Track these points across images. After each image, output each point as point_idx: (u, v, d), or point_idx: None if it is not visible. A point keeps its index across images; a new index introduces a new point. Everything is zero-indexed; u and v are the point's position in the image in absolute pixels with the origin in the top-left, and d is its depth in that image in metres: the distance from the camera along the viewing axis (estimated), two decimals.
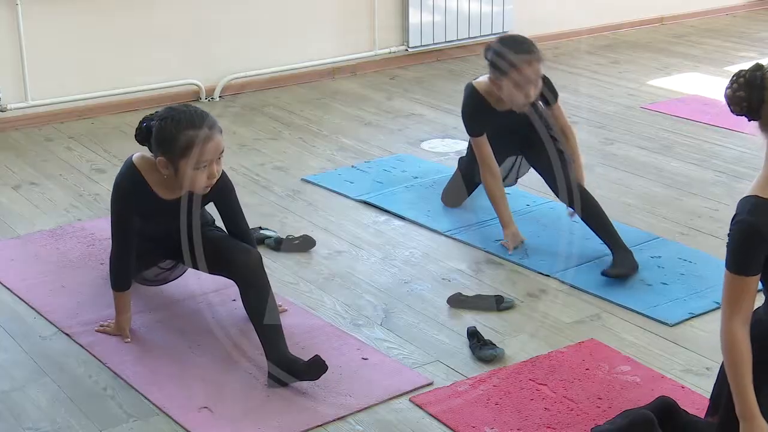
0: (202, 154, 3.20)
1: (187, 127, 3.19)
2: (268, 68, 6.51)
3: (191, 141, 3.19)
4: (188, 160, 3.20)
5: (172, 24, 6.14)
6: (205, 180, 3.26)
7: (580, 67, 7.08)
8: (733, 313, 2.31)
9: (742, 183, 4.90)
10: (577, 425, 3.00)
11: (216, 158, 3.26)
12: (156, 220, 3.42)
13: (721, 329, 2.33)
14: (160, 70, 6.12)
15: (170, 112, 3.26)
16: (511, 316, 3.68)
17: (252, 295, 3.31)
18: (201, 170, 3.23)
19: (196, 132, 3.19)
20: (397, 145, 5.48)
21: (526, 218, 4.48)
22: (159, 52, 6.12)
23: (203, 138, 3.19)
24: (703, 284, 3.87)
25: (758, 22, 8.53)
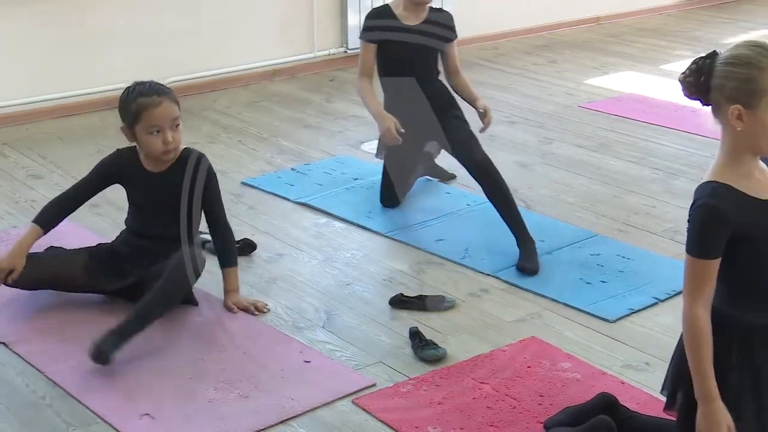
0: (152, 118, 3.50)
1: (139, 95, 3.52)
2: (207, 71, 6.46)
3: (141, 106, 3.50)
4: (141, 124, 3.53)
5: (111, 28, 6.07)
6: (160, 145, 3.54)
7: (518, 68, 7.13)
8: (695, 297, 2.34)
9: (679, 180, 4.97)
10: (520, 423, 3.02)
11: (169, 125, 3.54)
12: (142, 190, 3.68)
13: (684, 313, 2.36)
14: (99, 75, 6.05)
15: (131, 85, 3.59)
16: (453, 316, 3.69)
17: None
18: (155, 135, 3.53)
19: (146, 99, 3.51)
20: (337, 147, 5.48)
21: (467, 217, 4.50)
22: (98, 57, 6.05)
23: (151, 103, 3.50)
24: (642, 280, 3.91)
25: (691, 20, 8.65)
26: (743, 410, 2.38)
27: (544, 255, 4.13)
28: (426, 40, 4.46)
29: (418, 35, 4.45)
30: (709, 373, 2.33)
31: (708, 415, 2.35)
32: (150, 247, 3.65)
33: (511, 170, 5.09)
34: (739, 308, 2.37)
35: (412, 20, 4.47)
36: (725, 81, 2.27)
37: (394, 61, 4.48)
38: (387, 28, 4.46)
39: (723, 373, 2.36)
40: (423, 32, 4.46)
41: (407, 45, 4.44)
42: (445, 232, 4.37)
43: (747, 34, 7.95)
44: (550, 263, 4.07)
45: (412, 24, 4.47)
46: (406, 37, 4.44)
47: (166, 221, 3.65)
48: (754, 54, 2.26)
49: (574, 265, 4.05)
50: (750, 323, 2.36)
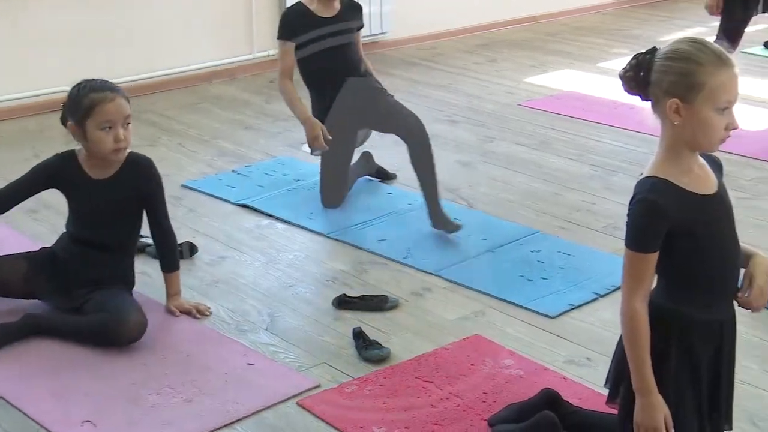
0: (104, 113, 3.44)
1: (91, 90, 3.47)
2: (145, 74, 6.41)
3: (94, 101, 3.44)
4: (92, 120, 3.45)
5: (45, 29, 5.99)
6: (111, 142, 3.46)
7: (458, 67, 7.16)
8: (634, 290, 2.36)
9: (618, 176, 5.02)
10: (464, 421, 3.03)
11: (121, 122, 3.47)
12: (85, 198, 3.59)
13: (622, 306, 2.39)
14: (33, 78, 5.97)
15: (81, 82, 3.53)
16: (396, 316, 3.70)
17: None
18: (106, 131, 3.45)
19: (99, 94, 3.45)
20: (277, 149, 5.46)
21: (409, 217, 4.50)
22: (34, 59, 5.97)
23: (104, 98, 3.45)
24: (582, 276, 3.94)
25: (628, 19, 8.76)
26: (682, 402, 2.41)
27: (486, 253, 4.15)
28: (344, 31, 4.53)
29: (336, 26, 4.50)
30: (646, 365, 2.37)
31: (645, 406, 2.39)
32: (92, 255, 3.59)
33: (453, 169, 5.12)
34: (678, 302, 2.40)
35: (328, 12, 4.50)
36: (663, 75, 2.30)
37: (318, 55, 4.49)
38: (305, 24, 4.47)
39: (662, 365, 2.39)
40: (342, 21, 4.52)
41: (330, 36, 4.48)
42: (387, 231, 4.38)
43: (683, 31, 8.05)
44: (492, 261, 4.10)
45: (329, 16, 4.50)
46: (328, 29, 4.47)
47: (109, 229, 3.60)
48: (693, 49, 2.29)
49: (516, 262, 4.08)
50: (689, 317, 2.39)
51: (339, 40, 4.51)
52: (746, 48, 7.17)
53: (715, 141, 2.32)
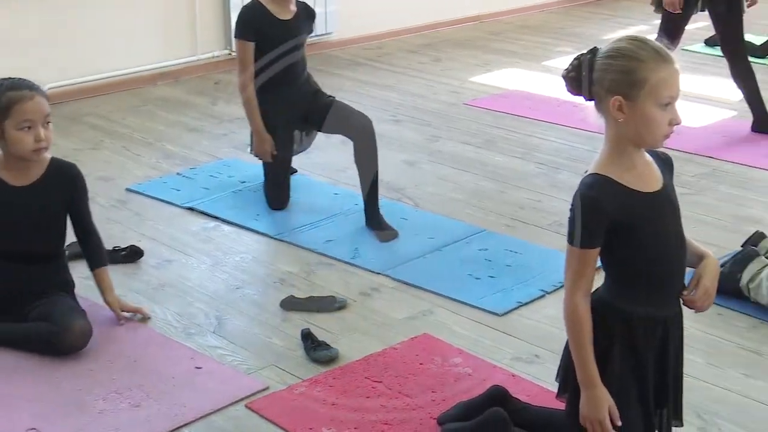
0: (23, 112, 3.33)
1: (8, 89, 3.36)
2: (87, 76, 6.34)
3: (12, 100, 3.33)
4: (10, 119, 3.34)
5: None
6: (31, 142, 3.36)
7: (403, 66, 7.17)
8: (576, 286, 2.39)
9: (563, 174, 5.06)
10: (413, 420, 3.03)
11: (41, 121, 3.36)
12: (5, 207, 3.45)
13: (564, 302, 2.41)
14: None
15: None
16: (345, 316, 3.69)
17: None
18: (25, 131, 3.35)
19: (17, 92, 3.35)
20: (223, 150, 5.42)
21: (356, 217, 4.49)
22: None
23: (23, 97, 3.34)
24: (529, 273, 3.97)
25: (571, 17, 8.82)
26: (626, 397, 2.43)
27: (433, 252, 4.16)
28: (298, 34, 4.54)
29: (294, 28, 4.52)
30: (589, 359, 2.39)
31: (589, 399, 2.41)
32: (20, 269, 3.46)
33: (399, 168, 5.13)
34: (622, 298, 2.43)
35: (285, 14, 4.50)
36: (605, 74, 2.32)
37: (271, 56, 4.48)
38: (264, 24, 4.46)
39: (606, 359, 2.41)
40: (297, 25, 4.53)
41: (285, 39, 4.47)
42: (334, 232, 4.37)
43: (626, 29, 8.13)
44: (439, 260, 4.11)
45: (287, 18, 4.51)
46: (284, 31, 4.47)
47: (33, 239, 3.49)
48: (633, 47, 2.31)
49: (463, 260, 4.09)
50: (631, 312, 2.41)
51: (293, 42, 4.50)
52: (687, 45, 7.26)
53: (659, 136, 2.35)
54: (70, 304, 3.49)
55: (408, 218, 4.49)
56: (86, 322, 3.41)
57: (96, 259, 3.63)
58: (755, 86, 5.60)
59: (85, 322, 3.40)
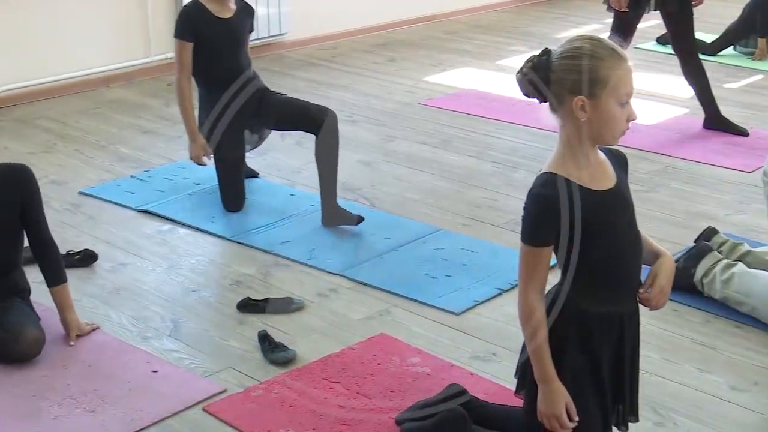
0: None
1: None
2: (39, 79, 6.27)
3: None
4: None
5: None
6: None
7: (358, 66, 7.16)
8: (530, 283, 2.40)
9: (518, 172, 5.08)
10: (372, 420, 3.03)
11: None
12: None
13: (519, 299, 2.43)
14: None
15: None
16: (302, 317, 3.68)
17: None
18: None
19: None
20: (177, 153, 5.39)
21: (312, 218, 4.49)
22: None
23: None
24: (486, 272, 3.98)
25: (524, 16, 8.87)
26: (582, 394, 2.45)
27: (390, 252, 4.16)
28: (239, 32, 4.53)
29: (234, 26, 4.50)
30: (545, 355, 2.40)
31: (546, 395, 2.43)
32: None
33: (355, 169, 5.12)
34: (577, 295, 2.44)
35: (225, 13, 4.49)
36: (566, 74, 2.32)
37: (213, 57, 4.47)
38: (203, 23, 4.44)
39: (562, 355, 2.43)
40: (237, 23, 4.52)
41: (225, 38, 4.46)
42: (290, 233, 4.36)
43: (578, 28, 8.19)
44: (396, 259, 4.11)
45: (227, 16, 4.49)
46: (224, 30, 4.46)
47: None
48: (592, 46, 2.32)
49: (420, 260, 4.10)
50: (586, 309, 2.43)
51: (234, 41, 4.50)
52: (639, 44, 7.33)
53: (618, 134, 2.37)
54: (24, 311, 3.43)
55: (364, 218, 4.49)
56: (39, 330, 3.36)
57: (54, 276, 3.49)
58: (706, 84, 5.66)
59: (37, 331, 3.36)
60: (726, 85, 6.61)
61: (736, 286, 3.64)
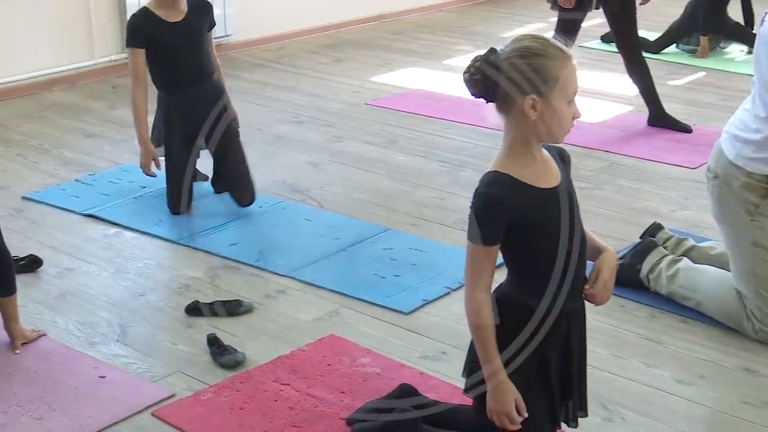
0: None
1: None
2: None
3: None
4: None
5: None
6: None
7: (304, 67, 7.15)
8: (476, 281, 2.41)
9: (465, 171, 5.09)
10: (322, 421, 3.02)
11: None
12: None
13: (465, 297, 2.43)
14: None
15: None
16: (251, 320, 3.66)
17: None
18: None
19: None
20: (123, 156, 5.34)
21: (259, 220, 4.47)
22: None
23: None
24: (434, 271, 3.99)
25: (470, 16, 8.90)
26: (531, 387, 2.46)
27: (338, 252, 4.16)
28: (192, 34, 4.45)
29: (186, 29, 4.43)
30: (493, 353, 2.41)
31: (496, 392, 2.44)
32: None
33: (302, 170, 5.11)
34: (523, 293, 2.45)
35: (175, 16, 4.42)
36: (516, 74, 2.32)
37: (168, 62, 4.42)
38: (153, 29, 4.39)
39: (510, 352, 2.43)
40: (189, 25, 4.45)
41: (178, 42, 4.40)
42: (237, 235, 4.34)
43: (523, 27, 8.23)
44: (345, 260, 4.10)
45: (177, 20, 4.43)
46: (175, 34, 4.40)
47: None
48: (539, 45, 2.33)
49: (369, 260, 4.10)
50: (533, 307, 2.44)
51: (189, 44, 4.44)
52: (583, 42, 7.38)
53: (566, 131, 2.39)
54: None
55: (312, 219, 4.48)
56: None
57: (5, 286, 3.42)
58: (650, 81, 5.72)
59: None
60: (669, 82, 6.69)
61: (682, 281, 3.69)
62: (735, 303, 3.53)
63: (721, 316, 3.58)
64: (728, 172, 3.49)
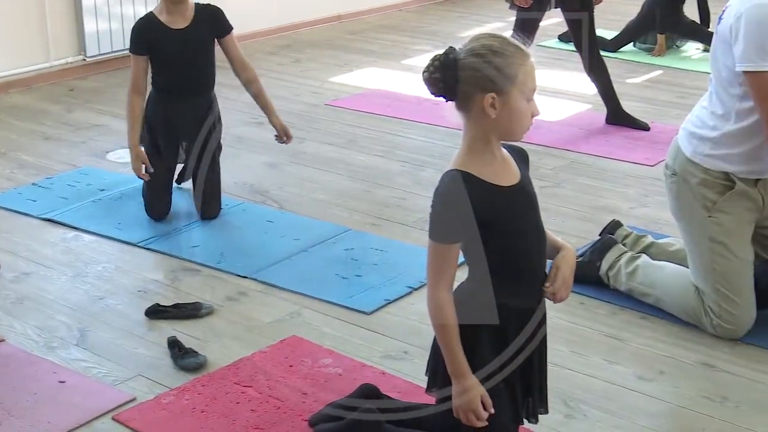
0: None
1: None
2: None
3: None
4: None
5: None
6: None
7: (263, 68, 7.10)
8: (438, 280, 2.41)
9: (425, 171, 5.10)
10: (285, 423, 3.01)
11: None
12: None
13: (428, 296, 2.43)
14: None
15: None
16: (212, 322, 3.64)
17: None
18: None
19: None
20: (81, 159, 5.29)
21: (220, 222, 4.45)
22: None
23: None
24: (396, 271, 3.99)
25: (428, 16, 8.92)
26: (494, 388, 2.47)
27: (299, 253, 4.15)
28: (196, 42, 4.35)
29: (190, 37, 4.33)
30: (457, 350, 2.42)
31: (461, 390, 2.44)
32: None
33: (262, 171, 5.10)
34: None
35: (179, 23, 4.32)
36: (476, 72, 2.33)
37: (166, 69, 4.34)
38: (156, 36, 4.29)
39: (474, 350, 2.44)
40: (193, 33, 4.34)
41: (180, 50, 4.31)
42: (199, 237, 4.32)
43: (482, 27, 8.26)
44: (306, 261, 4.09)
45: (181, 27, 4.32)
46: (177, 41, 4.30)
47: None
48: (498, 43, 2.34)
49: (330, 261, 4.09)
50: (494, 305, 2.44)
51: (191, 52, 4.34)
52: (541, 41, 7.42)
53: (525, 129, 2.39)
54: None
55: (273, 220, 4.47)
56: None
57: None
58: (608, 80, 5.76)
59: None
60: (627, 80, 6.73)
61: (641, 278, 3.71)
62: (693, 299, 3.56)
63: (680, 312, 3.61)
64: (685, 169, 3.52)
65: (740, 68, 3.30)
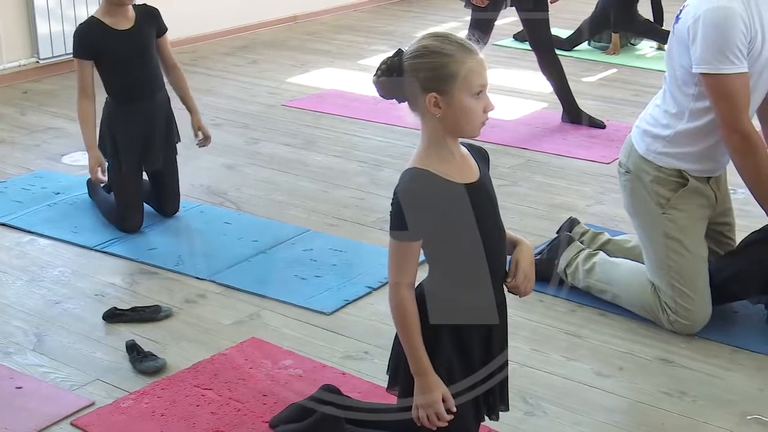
0: None
1: None
2: None
3: None
4: None
5: None
6: None
7: (219, 69, 7.10)
8: (400, 279, 2.41)
9: (383, 171, 5.11)
10: (245, 425, 3.00)
11: None
12: None
13: (389, 295, 2.43)
14: None
15: None
16: (170, 325, 3.62)
17: None
18: None
19: None
20: (35, 162, 5.24)
21: (178, 224, 4.43)
22: None
23: None
24: (355, 271, 3.99)
25: (383, 16, 8.93)
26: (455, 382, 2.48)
27: (258, 254, 4.14)
28: (141, 42, 4.32)
29: (135, 37, 4.30)
30: (419, 348, 2.42)
31: (423, 387, 2.44)
32: None
33: (219, 172, 5.08)
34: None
35: (123, 24, 4.29)
36: (416, 73, 2.35)
37: (118, 72, 4.30)
38: (100, 39, 4.25)
39: (434, 350, 2.45)
40: (138, 32, 4.31)
41: (130, 50, 4.28)
42: (156, 240, 4.29)
43: (437, 26, 8.28)
44: (265, 262, 4.08)
45: (126, 28, 4.29)
46: (122, 42, 4.26)
47: None
48: (438, 43, 2.35)
49: (289, 262, 4.08)
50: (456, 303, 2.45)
51: (138, 52, 4.31)
52: (497, 41, 7.45)
53: (477, 125, 2.40)
54: None
55: (231, 222, 4.45)
56: None
57: None
58: (563, 78, 5.80)
59: None
60: (582, 79, 6.78)
61: (598, 275, 3.74)
62: (650, 295, 3.59)
63: (638, 308, 3.64)
64: (639, 166, 3.55)
65: (697, 70, 3.33)
